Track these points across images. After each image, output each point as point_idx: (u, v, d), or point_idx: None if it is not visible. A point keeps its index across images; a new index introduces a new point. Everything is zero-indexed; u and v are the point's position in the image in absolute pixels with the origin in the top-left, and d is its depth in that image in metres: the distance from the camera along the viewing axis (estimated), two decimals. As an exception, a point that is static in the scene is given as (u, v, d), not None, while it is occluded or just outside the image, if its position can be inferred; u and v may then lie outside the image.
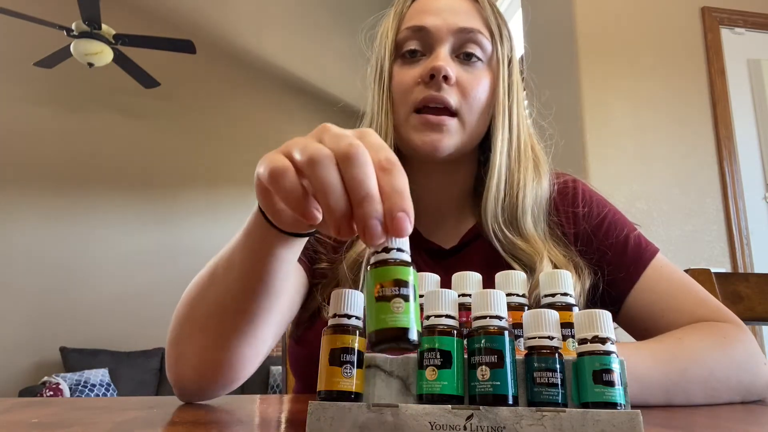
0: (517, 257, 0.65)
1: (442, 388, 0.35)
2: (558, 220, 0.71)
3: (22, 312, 4.52)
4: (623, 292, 0.67)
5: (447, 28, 0.66)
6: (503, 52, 0.69)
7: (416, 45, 0.67)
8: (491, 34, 0.68)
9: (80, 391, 3.87)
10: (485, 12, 0.69)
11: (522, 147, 0.69)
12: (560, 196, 0.73)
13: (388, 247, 0.33)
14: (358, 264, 0.64)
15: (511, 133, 0.69)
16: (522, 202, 0.67)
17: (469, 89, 0.66)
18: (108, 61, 3.71)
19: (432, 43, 0.67)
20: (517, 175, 0.68)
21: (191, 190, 5.08)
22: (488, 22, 0.68)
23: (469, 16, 0.68)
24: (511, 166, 0.68)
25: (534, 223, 0.68)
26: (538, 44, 2.34)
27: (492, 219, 0.66)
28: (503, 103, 0.68)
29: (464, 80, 0.66)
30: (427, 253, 0.70)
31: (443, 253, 0.70)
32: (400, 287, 0.32)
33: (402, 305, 0.31)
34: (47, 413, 0.44)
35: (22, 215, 4.69)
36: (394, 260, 0.33)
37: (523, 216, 0.67)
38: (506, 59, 0.70)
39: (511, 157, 0.68)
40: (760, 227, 2.02)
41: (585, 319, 0.37)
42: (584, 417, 0.32)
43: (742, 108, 2.14)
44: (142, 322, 4.68)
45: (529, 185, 0.68)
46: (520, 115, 0.70)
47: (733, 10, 2.20)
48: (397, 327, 0.31)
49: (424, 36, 0.67)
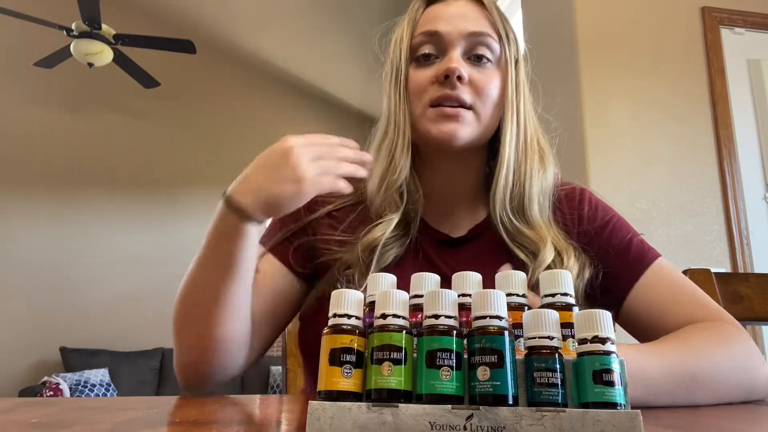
0: (523, 244, 0.70)
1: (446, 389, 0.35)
2: (563, 220, 0.75)
3: (22, 312, 4.51)
4: (624, 290, 0.69)
5: (458, 32, 0.71)
6: (511, 53, 0.74)
7: (430, 49, 0.72)
8: (499, 36, 0.73)
9: (80, 391, 3.87)
10: (493, 17, 0.73)
11: (529, 140, 0.73)
12: (566, 199, 0.77)
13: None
14: (372, 248, 0.69)
15: (519, 127, 0.73)
16: (529, 191, 0.71)
17: (481, 87, 0.70)
18: (108, 61, 3.71)
19: (445, 46, 0.71)
20: (524, 166, 0.72)
21: (191, 190, 5.08)
22: (496, 26, 0.73)
23: (478, 21, 0.72)
24: (519, 158, 0.72)
25: (540, 211, 0.72)
26: (539, 44, 2.34)
27: (500, 207, 0.71)
28: (512, 100, 0.72)
29: (476, 79, 0.70)
30: (435, 242, 0.75)
31: (451, 242, 0.75)
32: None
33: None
34: (47, 413, 0.44)
35: (22, 215, 4.69)
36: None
37: (530, 204, 0.71)
38: (513, 60, 0.74)
39: (518, 149, 0.72)
40: (760, 227, 2.02)
41: (585, 319, 0.37)
42: (584, 417, 0.32)
43: (742, 108, 2.14)
44: (142, 322, 4.68)
45: (536, 175, 0.72)
46: (527, 110, 0.75)
47: (733, 10, 2.20)
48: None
49: (437, 40, 0.71)
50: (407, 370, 0.36)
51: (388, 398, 0.35)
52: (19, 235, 4.66)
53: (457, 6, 0.73)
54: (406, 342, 0.36)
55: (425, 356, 0.36)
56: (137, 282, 4.79)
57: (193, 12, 4.66)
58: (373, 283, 0.46)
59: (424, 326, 0.38)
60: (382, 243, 0.69)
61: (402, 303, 0.39)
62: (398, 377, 0.35)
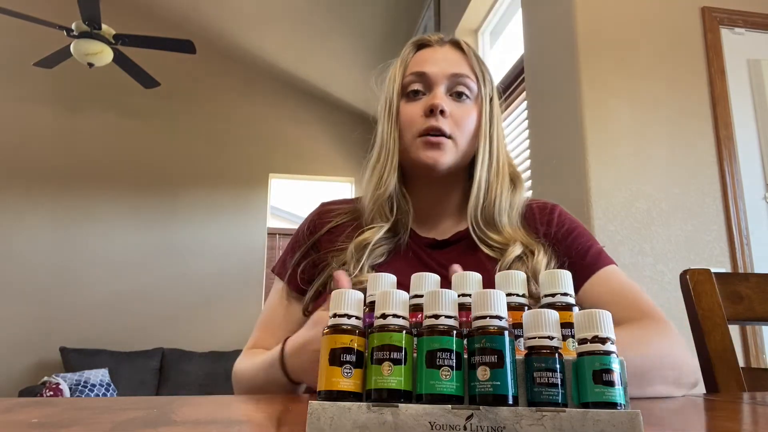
0: (491, 246, 0.82)
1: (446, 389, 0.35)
2: (533, 225, 0.86)
3: (22, 312, 4.52)
4: (577, 286, 0.77)
5: (442, 73, 0.84)
6: (486, 91, 0.87)
7: (419, 86, 0.85)
8: (476, 77, 0.86)
9: (80, 391, 3.87)
10: (471, 61, 0.87)
11: (500, 165, 0.86)
12: (539, 210, 0.89)
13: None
14: (363, 246, 0.80)
15: (491, 153, 0.85)
16: (498, 207, 0.83)
17: (460, 120, 0.83)
18: (108, 61, 3.71)
19: (431, 84, 0.84)
20: (495, 186, 0.84)
21: (191, 190, 5.08)
22: (474, 68, 0.87)
23: (459, 64, 0.86)
24: (491, 179, 0.84)
25: (509, 222, 0.84)
26: (538, 44, 2.34)
27: (473, 219, 0.83)
28: (485, 131, 0.85)
29: (456, 113, 0.83)
30: (423, 245, 0.87)
31: (437, 244, 0.86)
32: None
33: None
34: (47, 413, 0.44)
35: (22, 215, 4.69)
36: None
37: (499, 217, 0.83)
38: (488, 97, 0.87)
39: (491, 172, 0.85)
40: (760, 227, 2.02)
41: (585, 319, 0.37)
42: (584, 417, 0.32)
43: (742, 108, 2.13)
44: (142, 322, 4.68)
45: (505, 194, 0.84)
46: (499, 140, 0.87)
47: (733, 10, 2.20)
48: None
49: (425, 79, 0.85)
50: (407, 370, 0.36)
51: (388, 398, 0.35)
52: (19, 235, 4.66)
53: (442, 51, 0.87)
54: (406, 342, 0.36)
55: (425, 356, 0.36)
56: (137, 282, 4.79)
57: (193, 12, 4.66)
58: (373, 283, 0.46)
59: (424, 326, 0.38)
60: (373, 241, 0.80)
61: (402, 303, 0.39)
62: (398, 377, 0.35)
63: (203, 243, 4.95)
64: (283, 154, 5.33)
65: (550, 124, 2.15)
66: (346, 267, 0.78)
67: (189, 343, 4.64)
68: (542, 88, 2.25)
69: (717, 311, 0.88)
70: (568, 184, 1.98)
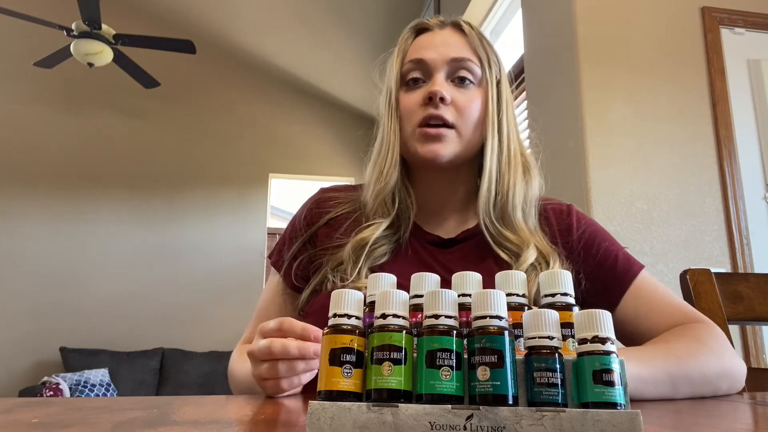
0: (505, 247, 0.76)
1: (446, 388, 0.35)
2: (550, 231, 0.81)
3: (22, 312, 4.51)
4: (615, 300, 0.76)
5: (441, 59, 0.79)
6: (492, 74, 0.81)
7: (417, 74, 0.80)
8: (480, 60, 0.80)
9: (80, 391, 3.87)
10: (473, 43, 0.81)
11: (512, 153, 0.80)
12: (554, 212, 0.83)
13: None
14: (362, 245, 0.76)
15: (501, 142, 0.79)
16: (512, 200, 0.77)
17: (463, 107, 0.77)
18: (108, 61, 3.71)
19: (430, 71, 0.79)
20: (507, 177, 0.78)
21: (191, 190, 5.08)
22: (477, 51, 0.81)
23: (460, 48, 0.80)
24: (502, 170, 0.78)
25: (524, 218, 0.79)
26: (539, 44, 2.34)
27: (484, 214, 0.77)
28: (492, 118, 0.79)
29: (459, 100, 0.78)
30: (426, 243, 0.81)
31: (442, 243, 0.81)
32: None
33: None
34: (47, 413, 0.44)
35: (21, 215, 4.69)
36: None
37: (513, 211, 0.77)
38: (495, 80, 0.81)
39: (501, 162, 0.79)
40: (760, 227, 2.02)
41: (585, 319, 0.37)
42: (584, 417, 0.32)
43: (742, 108, 2.13)
44: (142, 322, 4.68)
45: (519, 185, 0.79)
46: (510, 126, 0.81)
47: (733, 10, 2.20)
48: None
49: (423, 67, 0.80)
50: (407, 370, 0.36)
51: (388, 398, 0.35)
52: (19, 234, 4.66)
53: (441, 35, 0.82)
54: (406, 342, 0.36)
55: (425, 356, 0.36)
56: (137, 282, 4.79)
57: (193, 12, 4.66)
58: (373, 283, 0.46)
59: (424, 326, 0.38)
60: (371, 241, 0.76)
61: (402, 303, 0.39)
62: (398, 377, 0.35)
63: (203, 243, 4.95)
64: (283, 154, 5.32)
65: (551, 124, 2.15)
66: (344, 267, 0.74)
67: (189, 343, 4.64)
68: (542, 88, 2.25)
69: (717, 311, 0.88)
70: (568, 183, 1.98)
